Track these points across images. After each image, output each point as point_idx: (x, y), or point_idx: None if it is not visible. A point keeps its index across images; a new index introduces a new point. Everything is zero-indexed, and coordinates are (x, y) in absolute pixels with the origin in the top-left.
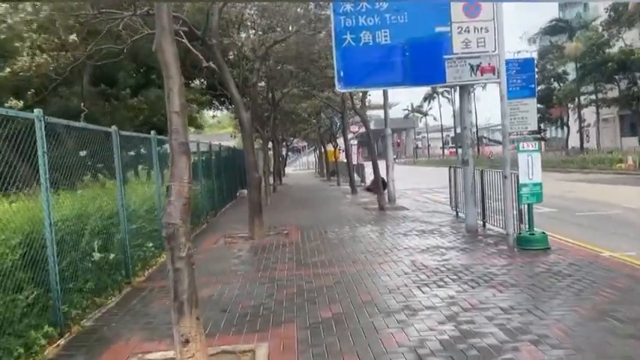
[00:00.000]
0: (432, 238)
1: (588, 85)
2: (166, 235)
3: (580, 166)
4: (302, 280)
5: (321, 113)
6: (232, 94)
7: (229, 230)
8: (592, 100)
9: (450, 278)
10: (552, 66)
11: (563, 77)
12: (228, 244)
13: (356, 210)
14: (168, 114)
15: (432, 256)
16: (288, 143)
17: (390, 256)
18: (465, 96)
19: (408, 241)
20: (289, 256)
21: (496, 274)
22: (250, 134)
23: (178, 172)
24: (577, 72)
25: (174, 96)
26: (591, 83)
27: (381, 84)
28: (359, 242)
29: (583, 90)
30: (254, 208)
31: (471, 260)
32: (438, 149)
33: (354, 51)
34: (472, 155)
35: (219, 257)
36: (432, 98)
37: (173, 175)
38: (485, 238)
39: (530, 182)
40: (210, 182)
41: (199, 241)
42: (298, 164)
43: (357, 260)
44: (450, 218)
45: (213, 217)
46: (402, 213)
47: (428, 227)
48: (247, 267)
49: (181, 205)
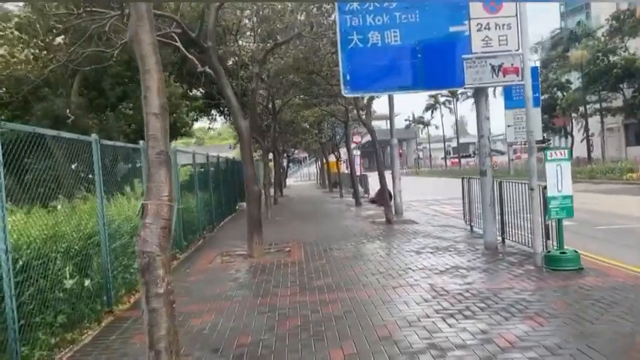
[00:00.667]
0: (449, 256)
1: (592, 94)
2: (140, 266)
3: (588, 176)
4: (307, 309)
5: (323, 123)
6: (229, 100)
7: (227, 247)
8: (596, 109)
9: (477, 307)
10: (555, 75)
11: (566, 86)
12: (224, 263)
13: (362, 224)
14: (144, 116)
15: (452, 279)
16: (289, 154)
17: (404, 278)
18: (483, 101)
19: (423, 259)
20: (292, 278)
21: (529, 302)
22: (249, 144)
23: (156, 187)
24: (582, 80)
25: (152, 95)
26: (595, 92)
27: (391, 88)
28: (368, 261)
29: (587, 99)
30: (253, 224)
31: (497, 283)
32: (439, 160)
33: (361, 53)
34: (490, 166)
35: (214, 279)
36: (434, 108)
37: (149, 191)
38: (508, 257)
39: (559, 195)
40: (207, 195)
41: (194, 260)
42: (299, 175)
43: (367, 284)
44: (464, 233)
45: (210, 232)
46: (412, 227)
47: (442, 243)
48: (245, 291)
49: (159, 228)
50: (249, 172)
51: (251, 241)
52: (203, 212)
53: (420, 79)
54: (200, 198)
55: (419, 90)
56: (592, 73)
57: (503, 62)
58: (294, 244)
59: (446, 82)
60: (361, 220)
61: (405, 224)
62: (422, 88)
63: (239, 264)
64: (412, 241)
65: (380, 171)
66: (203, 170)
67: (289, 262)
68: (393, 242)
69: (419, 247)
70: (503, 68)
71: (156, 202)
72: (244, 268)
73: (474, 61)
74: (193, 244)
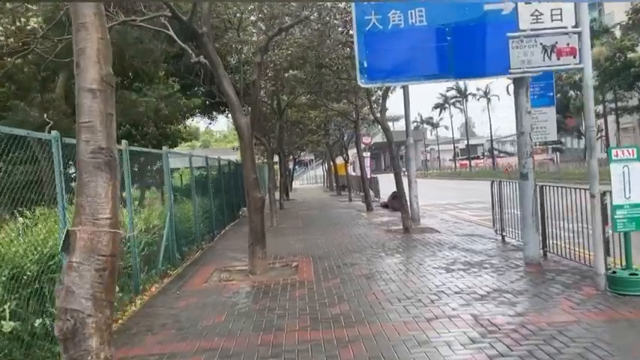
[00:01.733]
0: (486, 274)
1: (608, 93)
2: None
3: None
4: (321, 352)
5: (330, 124)
6: (227, 94)
7: (226, 260)
8: (612, 108)
9: (543, 351)
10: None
11: (579, 85)
12: (222, 281)
13: (376, 232)
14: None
15: (498, 307)
16: (296, 156)
17: (438, 306)
18: (524, 91)
19: (456, 279)
20: (300, 304)
21: (608, 343)
22: (250, 144)
23: (90, 204)
24: (600, 77)
25: (88, 62)
26: (611, 90)
27: (416, 77)
28: (390, 281)
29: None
30: (256, 236)
31: (558, 315)
32: (447, 161)
33: (380, 36)
34: (532, 168)
35: (209, 305)
36: (443, 108)
37: (79, 210)
38: (558, 276)
39: (627, 203)
40: (206, 201)
41: (188, 277)
42: (305, 178)
43: (394, 313)
44: (495, 244)
45: (210, 242)
46: (433, 237)
47: (473, 258)
48: (244, 323)
49: (94, 270)
50: (250, 177)
51: (253, 255)
52: (201, 220)
53: (449, 66)
54: (198, 205)
55: (449, 79)
56: (608, 71)
57: (557, 41)
58: (302, 258)
59: (482, 69)
60: (375, 227)
61: (424, 233)
62: (452, 77)
63: (239, 283)
64: (438, 254)
65: (396, 173)
66: (201, 175)
67: (297, 281)
68: (415, 256)
69: (447, 262)
70: (558, 49)
71: (89, 228)
72: (245, 289)
73: (521, 40)
74: (190, 256)
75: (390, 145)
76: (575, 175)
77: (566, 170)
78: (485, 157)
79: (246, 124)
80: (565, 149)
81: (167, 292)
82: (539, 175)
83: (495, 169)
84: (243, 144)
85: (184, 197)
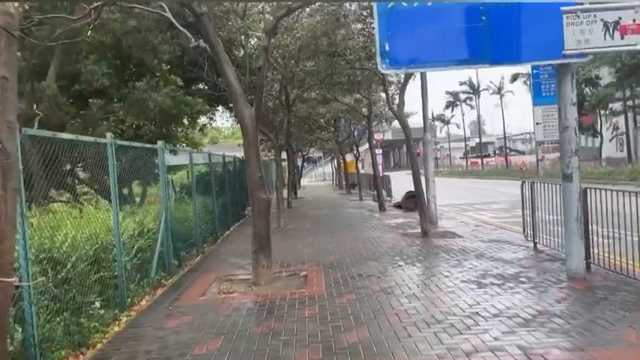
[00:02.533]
0: (525, 291)
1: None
2: None
3: (631, 178)
4: None
5: (340, 120)
6: (229, 82)
7: (228, 267)
8: (629, 106)
9: None
10: (584, 70)
11: (595, 82)
12: (222, 293)
13: (392, 236)
14: None
15: (550, 337)
16: (304, 153)
17: (476, 333)
18: (569, 79)
19: (491, 297)
20: (311, 328)
21: None
22: (255, 140)
23: None
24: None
25: None
26: (628, 87)
27: (445, 63)
28: (414, 298)
29: (619, 96)
30: (260, 243)
31: (630, 350)
32: (457, 159)
33: (405, 15)
34: (577, 168)
35: (202, 327)
36: (455, 105)
37: None
38: (610, 295)
39: None
40: (209, 201)
41: (184, 288)
42: (314, 175)
43: (423, 342)
44: (527, 253)
45: (212, 245)
46: (456, 242)
47: (506, 269)
48: (242, 354)
49: None
50: (255, 176)
51: (257, 264)
52: (203, 221)
53: (484, 50)
54: (200, 204)
55: (483, 65)
56: (626, 68)
57: (621, 17)
58: (311, 266)
59: (525, 53)
60: (390, 230)
61: (445, 238)
62: (487, 63)
63: (240, 297)
64: (464, 264)
65: (415, 172)
66: (203, 172)
67: (306, 296)
68: (439, 266)
69: (477, 274)
70: (621, 26)
71: None
72: (246, 304)
73: (577, 15)
74: (189, 261)
75: (407, 142)
76: (593, 175)
77: (584, 170)
78: (496, 155)
79: (250, 117)
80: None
81: (158, 306)
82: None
83: (509, 167)
84: (247, 140)
85: (186, 196)
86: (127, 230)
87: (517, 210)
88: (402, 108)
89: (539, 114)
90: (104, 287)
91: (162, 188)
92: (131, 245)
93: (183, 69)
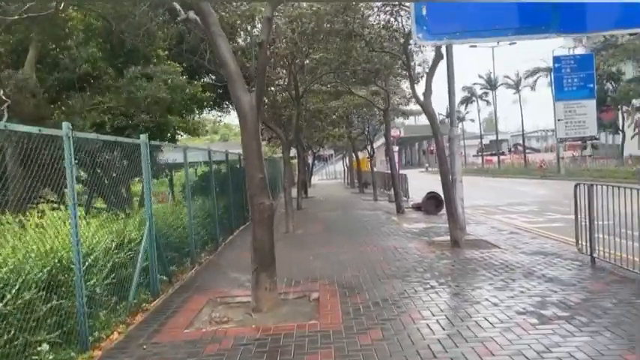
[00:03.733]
0: (606, 331)
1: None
2: None
3: None
4: None
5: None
6: (224, 60)
7: (226, 284)
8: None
9: None
10: (606, 65)
11: (617, 77)
12: (213, 324)
13: (417, 245)
14: None
15: None
16: (315, 150)
17: None
18: None
19: (562, 339)
20: None
21: None
22: (255, 133)
23: None
24: None
25: None
26: None
27: (499, 31)
28: (460, 339)
29: None
30: (262, 260)
31: None
32: (470, 157)
33: None
34: None
35: None
36: (470, 101)
37: None
38: None
39: None
40: (209, 203)
41: (167, 316)
42: (324, 173)
43: None
44: (584, 270)
45: (212, 254)
46: (493, 255)
47: (568, 295)
48: None
49: None
50: (255, 177)
51: (258, 286)
52: (202, 227)
53: (550, 16)
54: (199, 208)
55: (547, 34)
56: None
57: None
58: (324, 286)
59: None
60: (413, 238)
61: (480, 248)
62: (554, 32)
63: (235, 331)
64: (512, 286)
65: (443, 172)
66: (202, 172)
67: (318, 332)
68: (481, 288)
69: (532, 301)
70: None
71: None
72: (242, 341)
73: None
74: (182, 275)
75: (435, 136)
76: (619, 174)
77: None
78: (510, 152)
79: (249, 105)
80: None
81: (131, 343)
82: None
83: (527, 165)
84: (246, 133)
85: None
86: (99, 243)
87: (549, 213)
88: (428, 97)
89: (561, 110)
90: (62, 319)
91: (146, 191)
92: (105, 262)
93: (183, 58)
